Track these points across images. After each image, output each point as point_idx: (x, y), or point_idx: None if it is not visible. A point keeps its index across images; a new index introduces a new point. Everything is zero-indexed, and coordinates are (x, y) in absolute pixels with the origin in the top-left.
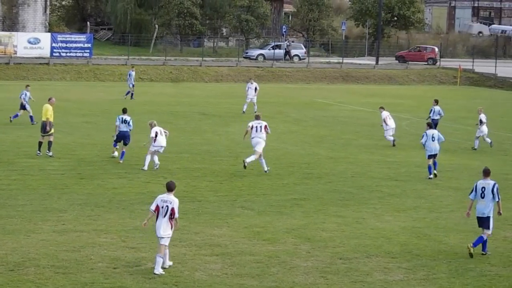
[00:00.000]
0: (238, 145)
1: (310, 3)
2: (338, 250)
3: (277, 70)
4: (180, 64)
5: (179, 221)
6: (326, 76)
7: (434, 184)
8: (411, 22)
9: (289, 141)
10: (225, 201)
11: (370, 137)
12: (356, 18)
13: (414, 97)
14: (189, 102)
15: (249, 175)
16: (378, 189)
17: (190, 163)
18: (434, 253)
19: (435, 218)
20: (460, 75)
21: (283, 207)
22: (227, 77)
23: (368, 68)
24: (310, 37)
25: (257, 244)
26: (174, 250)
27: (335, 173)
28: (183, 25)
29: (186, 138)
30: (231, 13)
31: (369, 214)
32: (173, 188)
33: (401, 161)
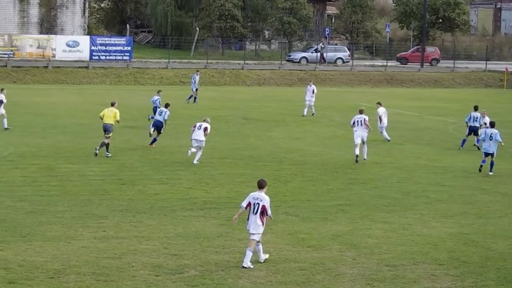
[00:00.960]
0: (281, 150)
1: (353, 4)
2: (385, 257)
3: (321, 73)
4: (222, 67)
5: (272, 217)
6: (370, 79)
7: (482, 189)
8: (456, 24)
9: (334, 146)
10: None
11: (416, 141)
12: (400, 20)
13: (460, 100)
14: (231, 106)
15: (294, 181)
16: (425, 195)
17: (233, 168)
18: (482, 259)
19: (483, 224)
20: (507, 78)
21: (327, 213)
22: (270, 80)
23: (413, 71)
24: (354, 39)
25: (301, 251)
26: (217, 257)
27: (380, 178)
28: (224, 28)
29: (228, 143)
30: (273, 15)
31: (416, 220)
32: (264, 185)
33: (448, 166)
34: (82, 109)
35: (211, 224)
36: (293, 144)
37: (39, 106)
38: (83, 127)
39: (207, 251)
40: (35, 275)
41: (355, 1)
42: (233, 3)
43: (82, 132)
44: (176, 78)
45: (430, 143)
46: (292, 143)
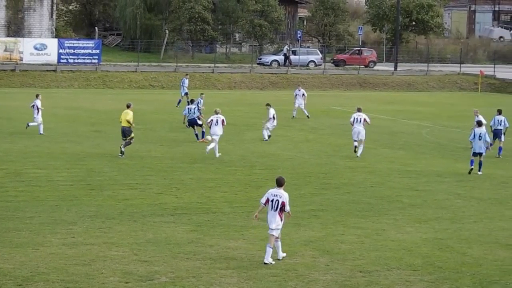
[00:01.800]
0: (253, 155)
1: (325, 7)
2: (358, 263)
3: (292, 77)
4: (192, 70)
5: (291, 213)
6: (343, 82)
7: (456, 194)
8: (430, 26)
9: (306, 150)
10: (240, 212)
11: (390, 145)
12: (373, 23)
13: (434, 104)
14: (202, 110)
15: (266, 186)
16: (398, 200)
17: (204, 173)
18: (457, 265)
19: (458, 229)
20: (481, 81)
21: (300, 219)
22: (240, 84)
23: (387, 74)
24: (326, 42)
25: (274, 257)
26: (188, 263)
27: (353, 183)
28: (195, 31)
29: (199, 148)
30: (244, 18)
31: (390, 226)
32: (283, 183)
33: (422, 171)
34: (50, 113)
35: (182, 230)
36: (264, 148)
37: (7, 110)
38: (51, 132)
39: (178, 257)
40: (3, 282)
41: (327, 4)
42: (203, 6)
43: (50, 136)
44: (145, 82)
45: (403, 147)
46: (263, 147)
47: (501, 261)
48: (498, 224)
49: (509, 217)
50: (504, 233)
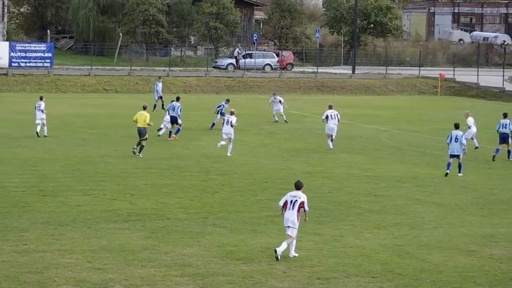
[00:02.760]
0: (208, 160)
1: (282, 9)
2: (316, 270)
3: (248, 80)
4: (147, 74)
5: (307, 215)
6: (300, 86)
7: (415, 199)
8: (389, 29)
9: (263, 155)
10: (196, 218)
11: (348, 150)
12: (330, 25)
13: (393, 108)
14: (156, 115)
15: (221, 191)
16: (357, 205)
17: (159, 179)
18: (416, 272)
19: (417, 235)
20: (441, 84)
21: (257, 225)
22: (196, 88)
23: (344, 78)
24: (283, 45)
25: (230, 264)
26: (143, 271)
27: (311, 189)
28: (149, 33)
29: (153, 152)
30: (199, 20)
31: (348, 232)
32: (301, 186)
33: (381, 176)
34: (2, 118)
35: (136, 237)
36: (220, 153)
37: None
38: (2, 137)
39: (132, 265)
40: None
41: (283, 6)
42: (157, 8)
43: (1, 141)
44: (99, 86)
45: (362, 151)
46: (219, 152)
47: (462, 268)
48: (458, 230)
49: (469, 222)
50: (465, 239)
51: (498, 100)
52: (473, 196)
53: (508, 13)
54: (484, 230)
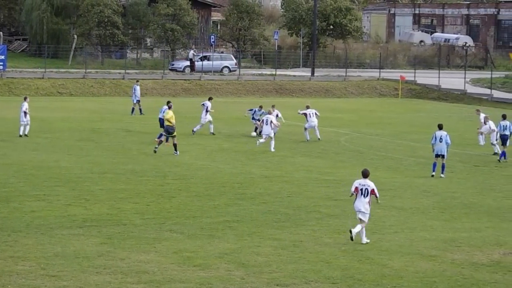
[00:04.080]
0: (165, 164)
1: (240, 11)
2: (275, 276)
3: (206, 83)
4: (102, 77)
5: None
6: (259, 89)
7: (376, 203)
8: (348, 30)
9: (220, 159)
10: (152, 224)
11: (307, 154)
12: (289, 27)
13: (353, 110)
14: (112, 118)
15: (178, 196)
16: (316, 210)
17: (114, 183)
18: (377, 277)
19: (378, 240)
20: (402, 86)
21: (214, 230)
22: (152, 90)
23: (303, 80)
24: (241, 47)
25: (187, 270)
26: (98, 278)
27: (270, 193)
28: (104, 35)
29: (109, 157)
30: (155, 22)
31: (307, 237)
32: (368, 174)
33: (340, 180)
34: None
35: (92, 243)
36: (177, 158)
37: None
38: None
39: (88, 272)
40: None
41: (241, 7)
42: (112, 9)
43: None
44: (53, 89)
45: (321, 155)
46: (176, 156)
47: (423, 273)
48: (419, 235)
49: (431, 227)
50: (426, 244)
51: (460, 102)
52: (434, 200)
53: (469, 14)
54: (445, 235)
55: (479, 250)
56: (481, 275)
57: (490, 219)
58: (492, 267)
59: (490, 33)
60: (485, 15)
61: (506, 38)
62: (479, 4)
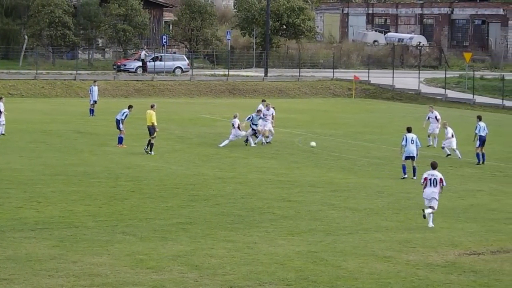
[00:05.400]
0: (117, 166)
1: (192, 11)
2: (229, 278)
3: (158, 84)
4: (53, 78)
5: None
6: (212, 89)
7: (330, 204)
8: (301, 30)
9: (173, 161)
10: (105, 226)
11: (260, 155)
12: (242, 27)
13: (307, 111)
14: (63, 120)
15: (131, 198)
16: (270, 211)
17: (66, 185)
18: (332, 279)
19: (332, 242)
20: (355, 87)
21: (167, 232)
22: (104, 91)
23: (257, 81)
24: (193, 47)
25: (140, 272)
26: (50, 281)
27: (223, 195)
28: (55, 36)
29: (60, 159)
30: (107, 22)
31: (261, 238)
32: (436, 166)
33: (294, 181)
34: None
35: (44, 246)
36: (130, 159)
37: None
38: None
39: (40, 275)
40: None
41: (193, 7)
42: (63, 10)
43: None
44: (3, 90)
45: (275, 156)
46: (129, 158)
47: (378, 274)
48: (374, 236)
49: (385, 228)
50: (381, 245)
51: (414, 102)
52: (389, 201)
53: (423, 13)
54: (400, 236)
55: (434, 251)
56: (436, 275)
57: (444, 219)
58: (447, 268)
59: (444, 33)
60: (438, 14)
61: (460, 38)
62: (433, 4)
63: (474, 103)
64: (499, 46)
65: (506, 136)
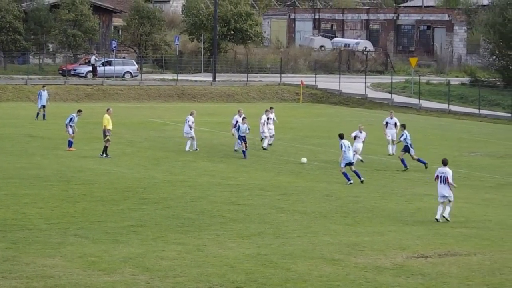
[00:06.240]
0: (69, 169)
1: (141, 16)
2: (179, 280)
3: (108, 88)
4: (4, 82)
5: (455, 185)
6: (161, 94)
7: (279, 208)
8: (249, 35)
9: (123, 164)
10: (57, 229)
11: (210, 159)
12: (190, 32)
13: (255, 115)
14: (15, 124)
15: (82, 201)
16: (220, 214)
17: (18, 189)
18: (281, 281)
19: (281, 244)
20: (303, 91)
21: (119, 235)
22: (55, 96)
23: (205, 85)
24: (142, 52)
25: (92, 274)
26: (4, 283)
27: (173, 198)
28: (6, 41)
29: (13, 162)
30: (57, 27)
31: (211, 241)
32: (447, 162)
33: (243, 184)
34: None
35: None
36: (81, 162)
37: None
38: None
39: None
40: None
41: (142, 13)
42: (14, 15)
43: None
44: None
45: (224, 160)
46: (80, 161)
47: (327, 277)
48: (322, 239)
49: (334, 231)
50: (329, 248)
51: (361, 106)
52: (337, 204)
53: (369, 19)
54: (348, 239)
55: (382, 253)
56: (384, 278)
57: (392, 223)
58: (395, 271)
59: (389, 38)
60: (384, 20)
61: (405, 43)
62: (379, 10)
63: (420, 107)
64: (444, 51)
65: (452, 140)
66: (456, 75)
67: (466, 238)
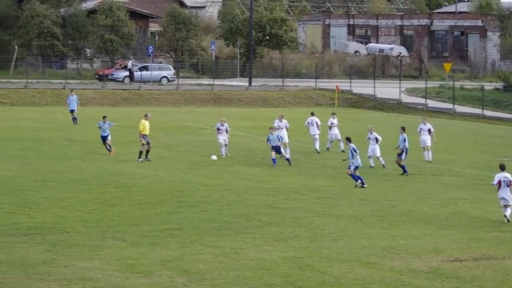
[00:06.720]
0: (107, 173)
1: (177, 22)
2: (217, 283)
3: (145, 93)
4: (43, 87)
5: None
6: (197, 98)
7: (315, 211)
8: (284, 41)
9: (161, 168)
10: (95, 232)
11: (246, 163)
12: (226, 37)
13: (290, 120)
14: (54, 128)
15: (120, 204)
16: (256, 218)
17: (57, 192)
18: (317, 284)
19: (317, 248)
20: (338, 96)
21: (156, 238)
22: (93, 100)
23: (241, 90)
24: (179, 57)
25: (130, 277)
26: (43, 285)
27: (210, 201)
28: (44, 46)
29: (51, 166)
30: (94, 32)
31: (248, 244)
32: (505, 167)
33: (279, 188)
34: None
35: (36, 250)
36: (118, 166)
37: None
38: None
39: (33, 278)
40: None
41: (178, 18)
42: (52, 21)
43: None
44: None
45: (260, 164)
46: (117, 165)
47: (363, 280)
48: (358, 242)
49: (369, 234)
50: (365, 251)
51: (396, 111)
52: (372, 208)
53: (403, 25)
54: (384, 242)
55: (418, 257)
56: (420, 281)
57: (427, 226)
58: (431, 274)
59: (423, 44)
60: (418, 26)
61: (439, 48)
62: (413, 15)
63: (454, 112)
64: (478, 56)
65: (486, 145)
66: (489, 80)
67: (501, 242)
